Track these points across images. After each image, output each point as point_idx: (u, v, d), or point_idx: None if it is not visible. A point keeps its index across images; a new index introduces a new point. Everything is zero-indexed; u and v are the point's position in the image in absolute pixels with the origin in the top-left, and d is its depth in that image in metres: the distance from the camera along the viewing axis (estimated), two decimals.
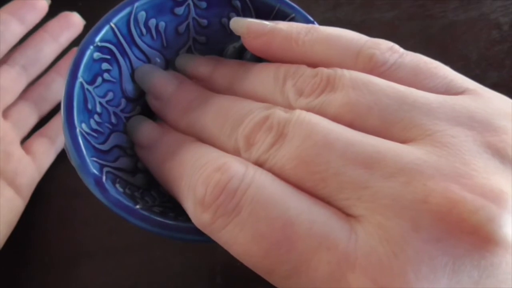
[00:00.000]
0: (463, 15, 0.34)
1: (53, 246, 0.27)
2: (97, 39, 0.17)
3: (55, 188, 0.28)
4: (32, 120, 0.28)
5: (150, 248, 0.26)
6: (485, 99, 0.14)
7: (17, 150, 0.26)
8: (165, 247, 0.26)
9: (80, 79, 0.17)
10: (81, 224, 0.27)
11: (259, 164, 0.14)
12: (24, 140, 0.28)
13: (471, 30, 0.34)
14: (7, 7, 0.28)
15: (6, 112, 0.27)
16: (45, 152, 0.27)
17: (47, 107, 0.29)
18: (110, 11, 0.18)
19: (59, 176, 0.28)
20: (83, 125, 0.17)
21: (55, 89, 0.29)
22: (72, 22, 0.29)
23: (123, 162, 0.18)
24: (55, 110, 0.29)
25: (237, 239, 0.13)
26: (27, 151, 0.27)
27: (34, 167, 0.27)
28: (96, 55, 0.17)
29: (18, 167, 0.26)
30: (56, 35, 0.29)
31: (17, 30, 0.28)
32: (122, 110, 0.19)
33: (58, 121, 0.28)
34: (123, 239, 0.26)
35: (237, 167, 0.14)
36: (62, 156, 0.28)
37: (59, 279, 0.26)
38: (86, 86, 0.17)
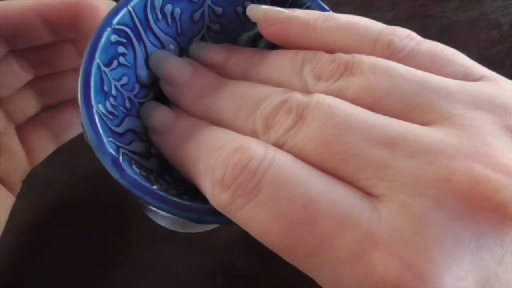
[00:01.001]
0: (463, 15, 0.35)
1: (53, 246, 0.26)
2: (115, 21, 0.17)
3: (56, 189, 0.27)
4: (31, 109, 0.24)
5: (150, 248, 0.26)
6: (502, 85, 0.14)
7: (11, 143, 0.23)
8: (165, 247, 0.26)
9: (97, 60, 0.17)
10: (81, 224, 0.27)
11: (278, 146, 0.14)
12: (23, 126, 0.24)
13: (471, 30, 0.34)
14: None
15: (2, 99, 0.22)
16: (42, 148, 0.24)
17: (53, 100, 0.24)
18: None
19: (59, 176, 0.28)
20: (100, 106, 0.17)
21: (68, 87, 0.24)
22: None
23: (137, 146, 0.18)
24: (60, 104, 0.25)
25: (257, 218, 0.13)
26: (23, 141, 0.23)
27: (27, 162, 0.24)
28: (113, 37, 0.18)
29: (11, 165, 0.23)
30: (83, 48, 0.21)
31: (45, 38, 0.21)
32: (135, 95, 0.19)
33: (67, 114, 0.25)
34: (123, 239, 0.26)
35: (256, 147, 0.14)
36: (61, 157, 0.27)
37: (59, 279, 0.26)
38: (103, 68, 0.17)
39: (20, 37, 0.20)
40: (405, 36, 0.16)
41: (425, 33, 0.35)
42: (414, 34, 0.16)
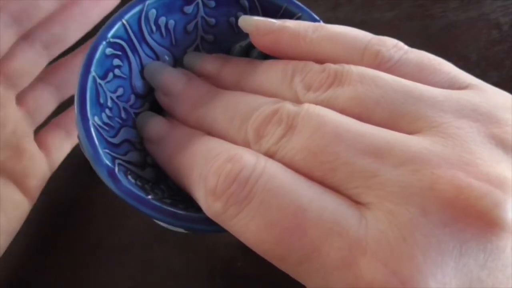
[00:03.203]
0: (463, 15, 0.35)
1: (53, 245, 0.27)
2: (110, 35, 0.18)
3: (55, 188, 0.27)
4: (50, 107, 0.26)
5: (150, 248, 0.26)
6: (487, 94, 0.14)
7: (29, 146, 0.24)
8: (165, 247, 0.26)
9: (93, 73, 0.17)
10: (81, 223, 0.27)
11: (269, 155, 0.15)
12: (39, 127, 0.25)
13: (471, 30, 0.34)
14: None
15: (22, 97, 0.24)
16: (60, 147, 0.26)
17: (68, 93, 0.26)
18: (123, 8, 0.18)
19: (58, 175, 0.27)
20: (96, 118, 0.17)
21: None
22: None
23: (133, 156, 0.19)
24: (73, 99, 0.25)
25: (249, 227, 0.13)
26: (40, 144, 0.25)
27: (46, 164, 0.25)
28: (108, 50, 0.18)
29: (29, 167, 0.24)
30: (86, 9, 0.25)
31: (46, 5, 0.24)
32: (131, 106, 0.20)
33: None
34: (123, 239, 0.27)
35: (248, 157, 0.14)
36: None
37: (59, 279, 0.26)
38: (98, 80, 0.18)
39: (26, 11, 0.23)
40: (392, 46, 0.16)
41: (425, 33, 0.35)
42: (401, 44, 0.16)
